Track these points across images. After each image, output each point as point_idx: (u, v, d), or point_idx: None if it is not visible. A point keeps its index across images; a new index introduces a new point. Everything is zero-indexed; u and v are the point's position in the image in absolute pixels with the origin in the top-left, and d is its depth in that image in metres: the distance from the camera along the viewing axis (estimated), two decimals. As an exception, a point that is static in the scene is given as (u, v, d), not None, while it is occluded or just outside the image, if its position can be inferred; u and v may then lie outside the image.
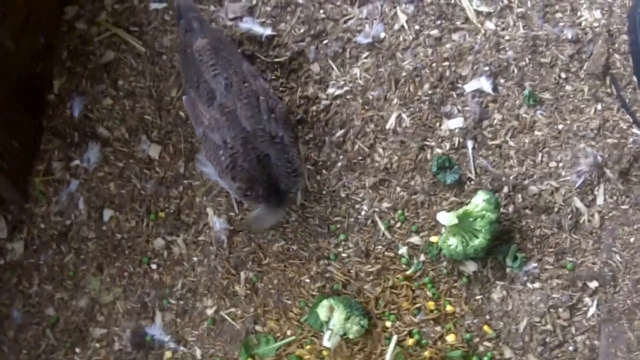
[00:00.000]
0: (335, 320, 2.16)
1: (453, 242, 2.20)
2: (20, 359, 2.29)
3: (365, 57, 2.50)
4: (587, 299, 2.19)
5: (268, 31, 2.53)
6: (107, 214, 2.41)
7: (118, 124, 2.49)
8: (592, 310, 2.18)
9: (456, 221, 2.15)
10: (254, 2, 2.59)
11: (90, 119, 2.51)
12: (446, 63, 2.47)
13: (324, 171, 2.40)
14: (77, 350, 2.30)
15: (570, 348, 2.16)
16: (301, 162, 2.14)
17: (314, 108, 2.46)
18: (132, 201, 2.42)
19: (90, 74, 2.55)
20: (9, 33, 2.34)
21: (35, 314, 2.33)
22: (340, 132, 2.42)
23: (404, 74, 2.47)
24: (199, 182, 2.43)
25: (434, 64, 2.47)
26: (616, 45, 2.42)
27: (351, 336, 2.17)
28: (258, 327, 2.28)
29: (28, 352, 2.30)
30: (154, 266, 2.35)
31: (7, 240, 2.41)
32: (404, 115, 2.42)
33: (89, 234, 2.39)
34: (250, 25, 2.55)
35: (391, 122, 2.42)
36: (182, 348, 2.27)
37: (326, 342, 2.17)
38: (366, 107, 2.45)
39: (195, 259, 2.35)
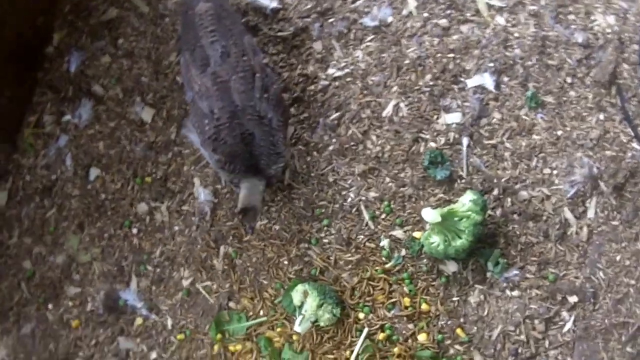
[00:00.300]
0: (308, 305, 2.07)
1: (435, 239, 2.09)
2: (-8, 308, 2.21)
3: (370, 41, 2.37)
4: (564, 314, 2.09)
5: (274, 4, 2.40)
6: (94, 172, 2.32)
7: (114, 83, 2.38)
8: (569, 325, 2.07)
9: (439, 219, 2.04)
10: (263, -28, 2.44)
11: (86, 75, 2.41)
12: (451, 55, 2.33)
13: (314, 153, 2.29)
14: (50, 306, 2.22)
15: (541, 360, 2.06)
16: (285, 147, 2.03)
17: (312, 87, 2.34)
18: (120, 162, 2.32)
19: (91, 30, 2.44)
20: (13, -17, 2.22)
21: (11, 265, 2.26)
22: (335, 115, 2.30)
23: (407, 61, 2.33)
24: (188, 151, 2.33)
25: (438, 55, 2.34)
26: (626, 55, 2.27)
27: (322, 324, 2.08)
28: (232, 304, 2.19)
29: (1, 302, 2.23)
30: (134, 231, 2.26)
31: (-8, 189, 2.31)
32: (402, 104, 2.30)
33: (73, 191, 2.30)
34: (256, -5, 2.41)
35: (388, 110, 2.30)
36: (153, 316, 2.19)
37: (297, 327, 2.09)
38: (365, 92, 2.32)
39: (176, 227, 2.26)
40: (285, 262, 2.22)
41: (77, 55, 2.44)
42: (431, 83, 2.33)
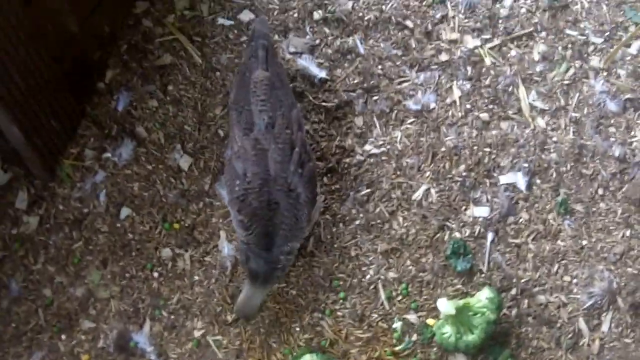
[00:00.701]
0: (313, 377, 2.01)
1: (447, 331, 2.03)
2: (7, 330, 2.18)
3: (410, 123, 2.34)
4: None
5: (323, 74, 2.39)
6: (125, 212, 2.28)
7: (157, 127, 2.36)
8: None
9: (454, 312, 1.99)
10: (317, 42, 2.43)
11: (132, 115, 2.39)
12: (488, 149, 2.30)
13: (340, 225, 2.25)
14: (63, 337, 2.19)
15: None
16: (307, 224, 1.99)
17: (347, 160, 2.31)
18: (152, 205, 2.29)
19: (143, 73, 2.43)
20: (76, 18, 2.22)
21: (32, 291, 2.22)
22: (366, 191, 2.26)
23: (443, 149, 2.30)
24: (219, 204, 2.30)
25: (475, 147, 2.30)
26: (660, 176, 2.21)
27: (325, 398, 2.01)
28: (238, 362, 2.13)
29: (17, 326, 2.20)
30: (155, 274, 2.22)
31: (25, 212, 2.31)
32: (432, 190, 2.26)
33: (102, 226, 2.27)
34: (307, 63, 2.41)
35: (418, 194, 2.26)
36: (161, 362, 2.13)
37: (299, 397, 2.02)
38: (398, 173, 2.29)
39: (196, 277, 2.22)
40: (297, 329, 2.17)
41: (126, 94, 2.43)
42: (464, 174, 2.29)
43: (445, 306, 2.04)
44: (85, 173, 2.37)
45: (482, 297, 2.07)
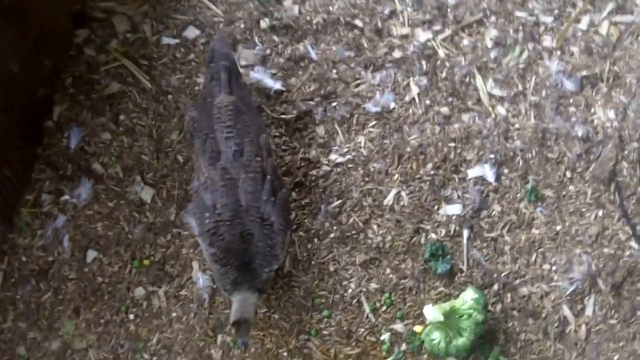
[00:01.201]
0: (307, 403, 1.87)
1: (436, 336, 1.92)
2: (-16, 396, 1.98)
3: (372, 126, 2.19)
4: (563, 414, 1.91)
5: (278, 85, 2.21)
6: (91, 255, 2.10)
7: (114, 161, 2.16)
8: None
9: (442, 318, 1.88)
10: (268, 51, 2.24)
11: (86, 152, 2.19)
12: (452, 144, 2.16)
13: (315, 240, 2.10)
14: (44, 394, 1.99)
15: None
16: (283, 251, 1.84)
17: (314, 172, 2.15)
18: (118, 244, 2.11)
19: (92, 105, 2.24)
20: (15, 56, 2.00)
21: (5, 351, 2.05)
22: (337, 202, 2.11)
23: (408, 149, 2.15)
24: (187, 233, 2.13)
25: (439, 143, 2.15)
26: (626, 152, 2.12)
27: (322, 421, 1.88)
28: (230, 395, 1.98)
29: (-7, 389, 1.99)
30: (131, 316, 2.05)
31: (-14, 269, 2.08)
32: (403, 193, 2.11)
33: (70, 273, 2.09)
34: (261, 75, 2.23)
35: (389, 199, 2.11)
36: (149, 406, 1.97)
37: (296, 423, 1.88)
38: (366, 179, 2.14)
39: (174, 314, 2.05)
40: (285, 354, 2.04)
41: (77, 130, 2.23)
42: (432, 172, 2.15)
43: (432, 313, 1.92)
44: (45, 219, 2.17)
45: (467, 298, 1.96)
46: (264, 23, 2.34)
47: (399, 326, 2.08)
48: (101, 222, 2.20)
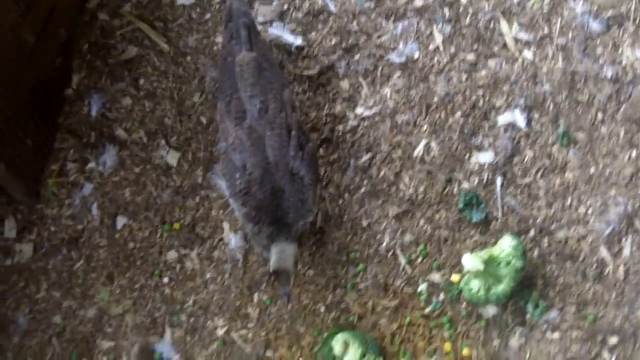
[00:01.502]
0: (350, 356, 1.88)
1: (475, 285, 1.90)
2: (23, 366, 1.98)
3: (397, 77, 2.15)
4: (605, 354, 1.92)
5: (298, 41, 2.17)
6: (121, 221, 2.07)
7: (137, 126, 2.13)
8: (611, 366, 1.89)
9: (481, 267, 1.85)
10: (285, 6, 2.20)
11: (108, 118, 2.15)
12: (480, 91, 2.12)
13: (346, 195, 2.07)
14: (83, 361, 1.98)
15: (585, 403, 1.89)
16: (315, 205, 1.82)
17: (341, 128, 2.11)
18: (147, 209, 2.08)
19: (110, 71, 2.19)
20: (31, 27, 1.98)
21: (41, 321, 2.02)
22: (366, 157, 2.08)
23: (435, 99, 2.11)
24: (216, 195, 2.10)
25: (467, 91, 2.12)
26: (657, 90, 2.07)
27: (364, 374, 1.88)
28: (269, 353, 1.98)
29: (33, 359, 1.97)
30: (165, 280, 2.03)
31: (16, 240, 2.09)
32: (433, 144, 2.08)
33: (100, 241, 2.06)
34: (280, 32, 2.18)
35: (419, 150, 2.08)
36: (190, 367, 1.96)
37: (338, 377, 1.88)
38: (394, 131, 2.10)
39: (208, 275, 2.03)
40: (322, 309, 2.02)
41: (97, 97, 2.19)
42: (461, 121, 2.12)
43: (471, 262, 1.90)
44: (72, 188, 2.14)
45: (505, 246, 1.94)
46: (280, -22, 2.29)
47: (435, 277, 2.06)
48: (128, 188, 2.17)
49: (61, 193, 2.16)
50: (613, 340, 1.98)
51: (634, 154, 2.11)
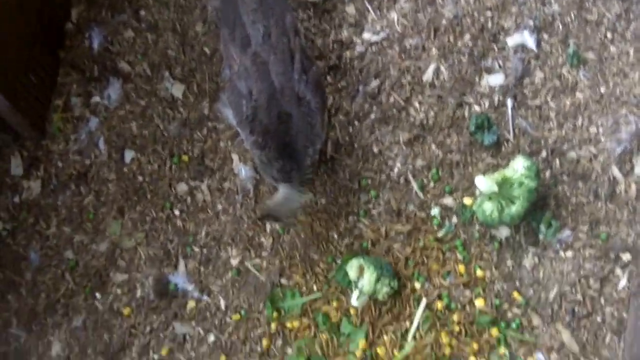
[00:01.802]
0: (365, 281, 1.87)
1: (488, 207, 1.90)
2: (38, 302, 1.98)
3: (404, 1, 2.11)
4: (618, 271, 1.93)
5: (302, -35, 2.10)
6: (129, 155, 2.05)
7: (140, 58, 2.09)
8: (623, 282, 1.92)
9: (496, 188, 1.84)
10: None
11: (110, 51, 2.11)
12: (489, 13, 2.09)
13: (356, 122, 2.05)
14: (98, 295, 1.99)
15: (598, 319, 1.91)
16: (323, 129, 1.79)
17: (348, 54, 2.08)
18: (155, 142, 2.06)
19: (110, 3, 2.15)
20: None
21: (53, 257, 2.00)
22: (375, 83, 2.05)
23: (443, 22, 2.08)
24: (223, 125, 2.08)
25: (475, 13, 2.09)
26: (668, 7, 2.04)
27: (380, 297, 1.90)
28: (283, 281, 1.98)
29: (47, 295, 1.99)
30: (177, 212, 2.02)
31: (23, 177, 2.06)
32: (442, 68, 2.06)
33: (109, 175, 2.04)
34: (282, -44, 2.10)
35: (429, 74, 2.06)
36: (205, 297, 1.97)
37: (354, 302, 1.90)
38: (403, 56, 2.08)
39: (219, 206, 2.02)
40: (335, 236, 2.02)
41: (98, 30, 2.14)
42: (470, 43, 2.09)
43: (485, 184, 1.89)
44: (77, 123, 2.11)
45: (518, 167, 1.93)
46: None
47: (448, 200, 2.06)
48: (135, 121, 2.14)
49: (67, 128, 2.13)
50: (626, 257, 1.99)
51: (644, 72, 2.10)
